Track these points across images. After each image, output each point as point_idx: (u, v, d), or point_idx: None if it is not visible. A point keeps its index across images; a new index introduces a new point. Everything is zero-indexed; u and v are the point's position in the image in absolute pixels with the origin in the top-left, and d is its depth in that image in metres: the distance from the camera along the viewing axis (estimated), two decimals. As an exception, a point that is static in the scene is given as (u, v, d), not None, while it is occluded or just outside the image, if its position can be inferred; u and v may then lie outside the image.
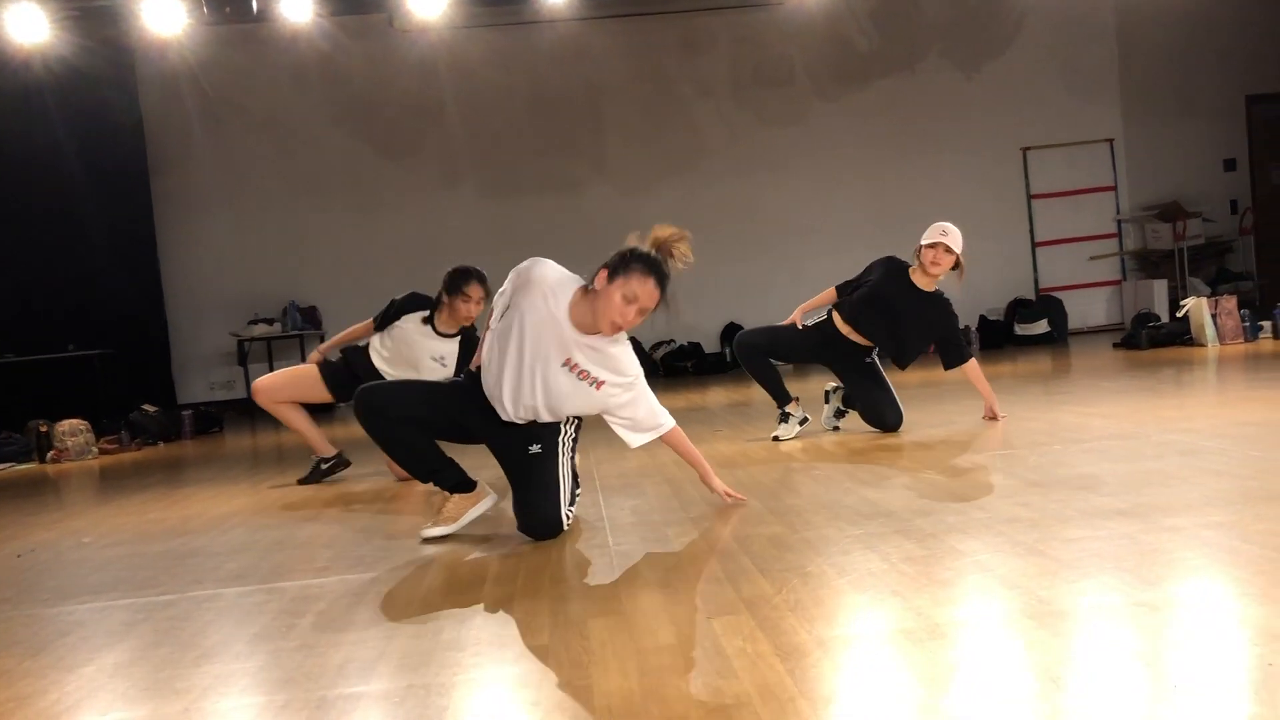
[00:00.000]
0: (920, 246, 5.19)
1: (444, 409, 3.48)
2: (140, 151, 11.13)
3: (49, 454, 7.85)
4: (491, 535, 3.55)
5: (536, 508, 3.34)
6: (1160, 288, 10.94)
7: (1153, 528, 2.78)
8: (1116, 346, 9.41)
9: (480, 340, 3.67)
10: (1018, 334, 11.23)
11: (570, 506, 3.43)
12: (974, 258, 11.87)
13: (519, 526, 3.40)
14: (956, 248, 5.11)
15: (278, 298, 11.31)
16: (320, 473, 5.25)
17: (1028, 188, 12.10)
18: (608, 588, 2.75)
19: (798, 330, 5.41)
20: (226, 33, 10.78)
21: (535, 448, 3.40)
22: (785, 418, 5.37)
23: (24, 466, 7.82)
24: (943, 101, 11.95)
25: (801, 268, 11.07)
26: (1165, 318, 9.91)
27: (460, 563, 3.19)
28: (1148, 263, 11.88)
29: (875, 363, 5.36)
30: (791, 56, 11.83)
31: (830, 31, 11.54)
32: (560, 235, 11.34)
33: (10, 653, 2.64)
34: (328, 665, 2.28)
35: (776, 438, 5.30)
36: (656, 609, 2.48)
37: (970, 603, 2.31)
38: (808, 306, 5.49)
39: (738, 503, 3.62)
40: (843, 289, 5.45)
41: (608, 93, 11.87)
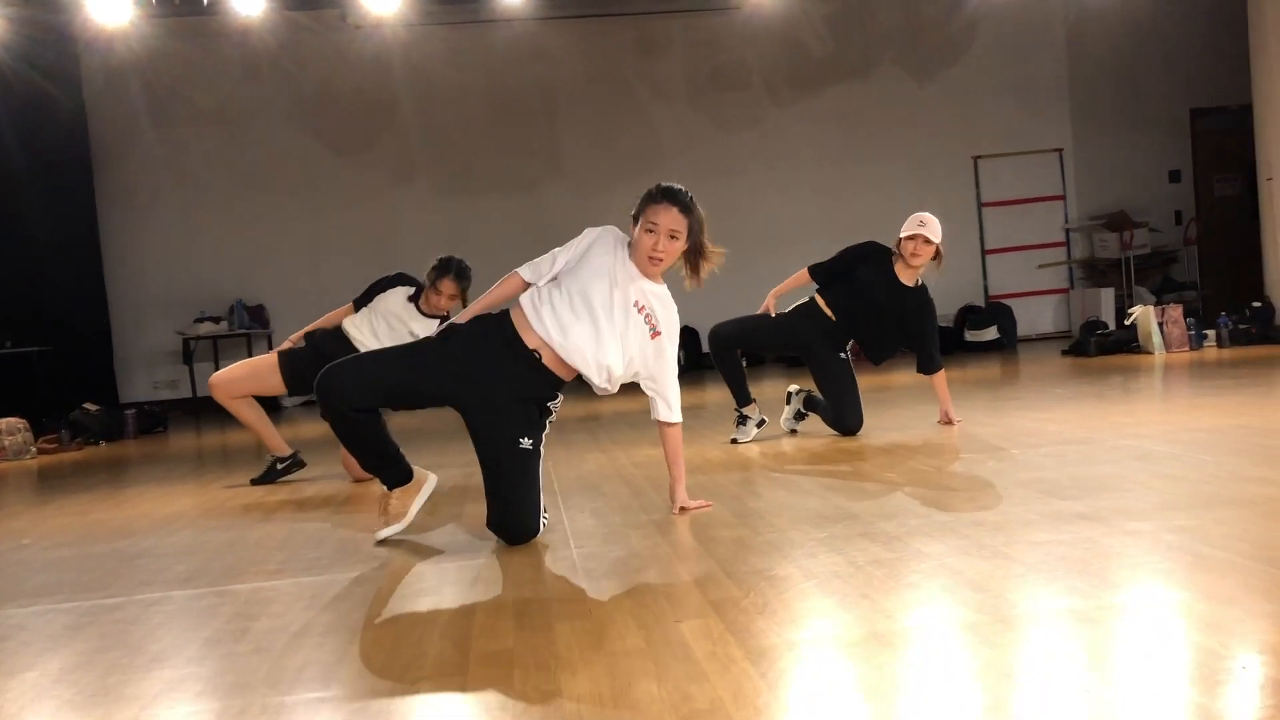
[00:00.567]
0: (900, 239, 5.18)
1: (418, 381, 3.28)
2: (83, 144, 10.89)
3: (-14, 453, 7.62)
4: (449, 537, 3.49)
5: (519, 510, 3.24)
6: (1107, 296, 11.10)
7: (1115, 531, 2.79)
8: (1065, 353, 9.53)
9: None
10: (968, 340, 11.34)
11: (545, 510, 3.37)
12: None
13: (494, 526, 3.28)
14: (935, 237, 5.12)
15: (224, 296, 11.11)
16: (276, 472, 5.14)
17: (978, 196, 12.23)
18: (572, 590, 2.71)
19: (772, 319, 5.36)
20: (175, 25, 10.57)
21: (526, 442, 3.25)
22: (743, 420, 5.36)
23: (-41, 466, 7.59)
24: (896, 109, 12.05)
25: (754, 271, 10.98)
26: (1112, 325, 10.05)
27: (419, 566, 3.12)
28: (1095, 271, 12.05)
29: (848, 359, 5.36)
30: (747, 61, 11.86)
31: (786, 36, 11.59)
32: (515, 235, 11.24)
33: (-52, 657, 2.54)
34: (285, 670, 2.21)
35: (735, 440, 5.29)
36: (623, 612, 2.44)
37: (940, 606, 2.29)
38: (781, 291, 5.41)
39: (701, 509, 3.57)
40: (816, 272, 5.37)
41: (564, 93, 11.82)
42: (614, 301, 3.28)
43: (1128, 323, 9.09)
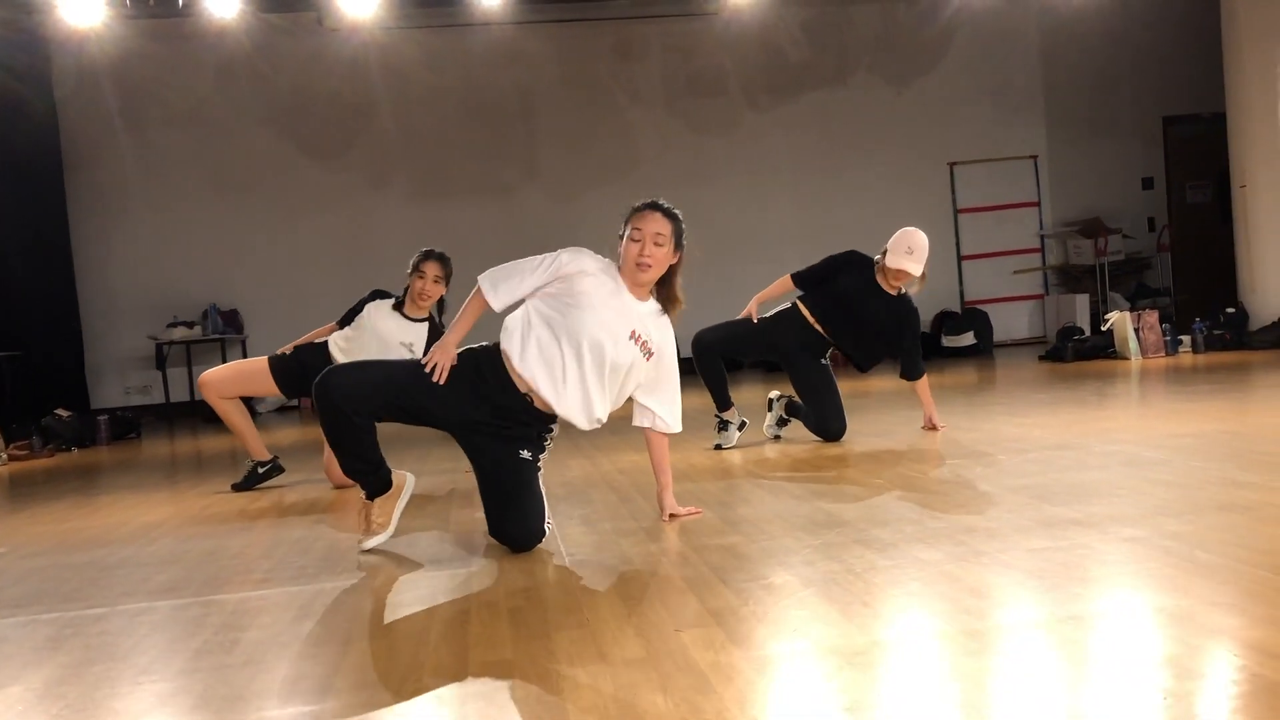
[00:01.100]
0: (884, 261, 5.12)
1: (420, 395, 3.21)
2: (54, 146, 10.74)
3: (-45, 460, 7.49)
4: (438, 545, 3.45)
5: (522, 513, 3.19)
6: (1082, 302, 11.18)
7: (1110, 538, 2.78)
8: (1042, 359, 9.58)
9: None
10: (944, 346, 11.39)
11: (549, 517, 3.33)
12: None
13: (499, 535, 3.23)
14: (917, 270, 5.08)
15: (198, 300, 10.99)
16: (256, 477, 5.07)
17: (954, 202, 12.29)
18: (567, 599, 2.67)
19: (754, 324, 5.34)
20: (148, 26, 10.45)
21: (526, 453, 3.25)
22: (724, 425, 5.34)
23: (-73, 473, 7.44)
24: (872, 115, 12.09)
25: (730, 277, 11.01)
26: (1088, 331, 10.12)
27: (409, 574, 3.07)
28: (1069, 277, 12.14)
29: (828, 366, 5.35)
30: (724, 66, 11.87)
31: (763, 42, 11.60)
32: (490, 240, 11.19)
33: (-73, 671, 2.47)
34: (279, 682, 2.16)
35: (719, 446, 5.26)
36: (620, 621, 2.41)
37: (944, 613, 2.28)
38: (763, 297, 5.38)
39: (690, 515, 3.55)
40: (798, 279, 5.34)
41: (540, 98, 11.78)
42: (608, 351, 3.21)
43: (1104, 328, 9.15)
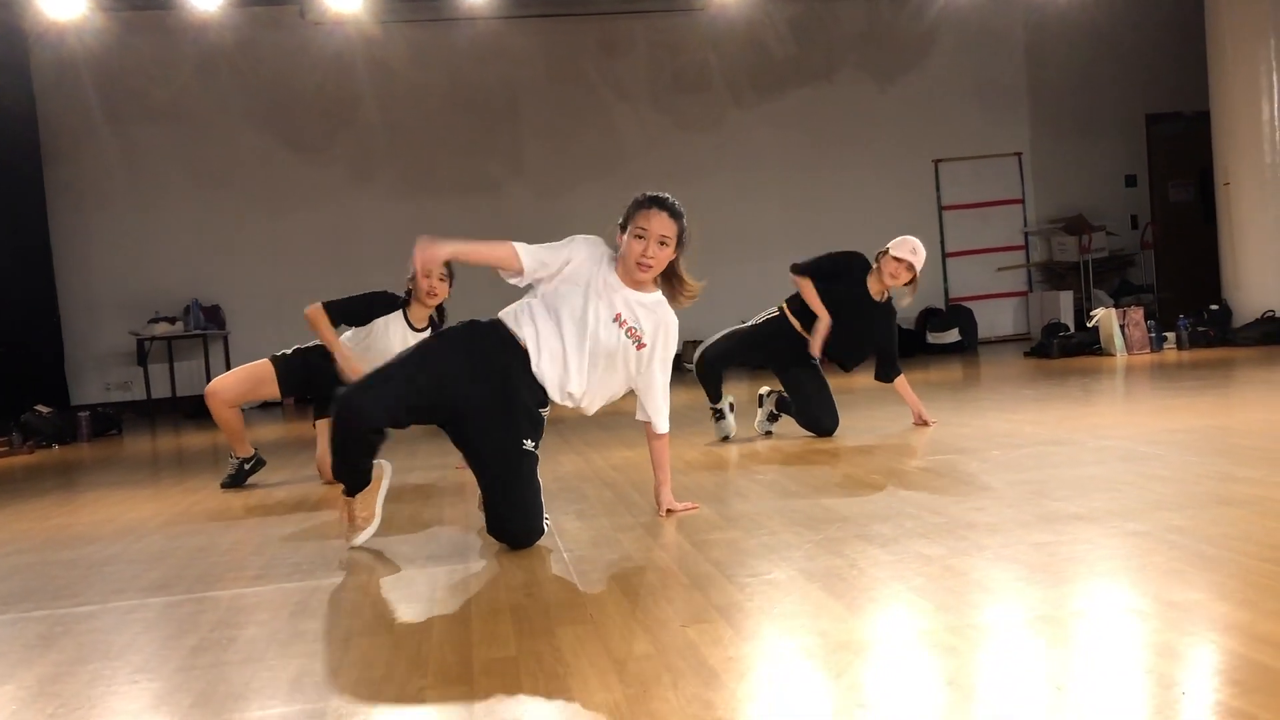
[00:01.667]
0: (887, 254, 5.15)
1: (435, 393, 3.16)
2: (33, 140, 10.61)
3: (-67, 456, 7.40)
4: (433, 541, 3.41)
5: (523, 512, 3.16)
6: (1066, 299, 11.22)
7: (1113, 532, 2.77)
8: (1028, 355, 9.61)
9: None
10: (930, 343, 11.41)
11: (546, 514, 3.29)
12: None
13: (499, 533, 3.19)
14: (918, 267, 5.15)
15: (180, 296, 10.88)
16: (244, 474, 5.02)
17: (939, 199, 12.31)
18: (568, 595, 2.64)
19: (751, 338, 5.41)
20: (129, 19, 10.34)
21: (529, 444, 3.19)
22: (720, 415, 5.34)
23: (-95, 470, 7.34)
24: (857, 112, 12.10)
25: (716, 273, 10.97)
26: (1072, 328, 10.16)
27: (405, 571, 3.03)
28: (1053, 274, 12.18)
29: (817, 364, 5.35)
30: (710, 62, 11.84)
31: (749, 39, 11.59)
32: (475, 236, 11.08)
33: (-85, 670, 2.42)
34: (280, 681, 2.12)
35: (726, 438, 5.30)
36: (625, 616, 2.38)
37: (954, 609, 2.26)
38: (815, 303, 5.27)
39: (687, 511, 3.53)
40: (807, 270, 5.27)
41: (526, 93, 11.73)
42: (590, 325, 3.20)
43: (1090, 325, 9.18)
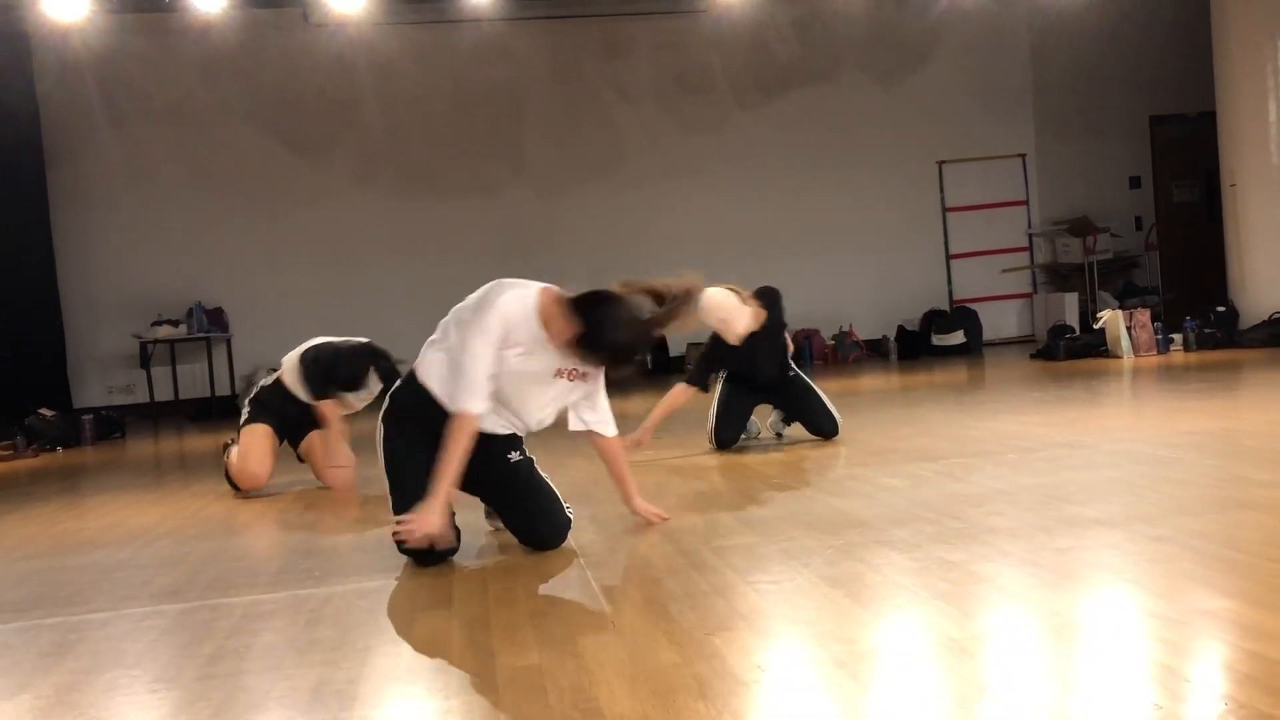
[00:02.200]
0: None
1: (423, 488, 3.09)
2: (36, 142, 10.56)
3: (-63, 460, 7.36)
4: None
5: (552, 515, 3.17)
6: (1071, 300, 11.19)
7: (1136, 537, 2.75)
8: (1034, 357, 9.57)
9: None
10: (934, 345, 11.38)
11: (568, 506, 3.27)
12: (890, 269, 12.07)
13: (529, 543, 3.19)
14: (717, 322, 5.02)
15: (182, 298, 10.83)
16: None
17: (943, 200, 12.29)
18: (588, 602, 2.61)
19: (731, 400, 5.25)
20: (132, 21, 10.30)
21: (514, 455, 3.21)
22: None
23: (-91, 474, 7.30)
24: (861, 113, 12.06)
25: (719, 275, 10.98)
26: (1078, 330, 10.13)
27: (421, 577, 3.00)
28: (1058, 276, 12.15)
29: (797, 374, 5.29)
30: (713, 64, 11.80)
31: (752, 40, 11.55)
32: (477, 237, 11.14)
33: (-71, 679, 2.39)
34: (300, 689, 2.10)
35: (779, 435, 5.37)
36: (648, 624, 2.35)
37: (984, 616, 2.23)
38: (660, 417, 5.14)
39: (660, 519, 3.41)
40: (698, 379, 5.24)
41: (529, 95, 11.69)
42: (525, 387, 3.10)
43: (1096, 327, 9.15)
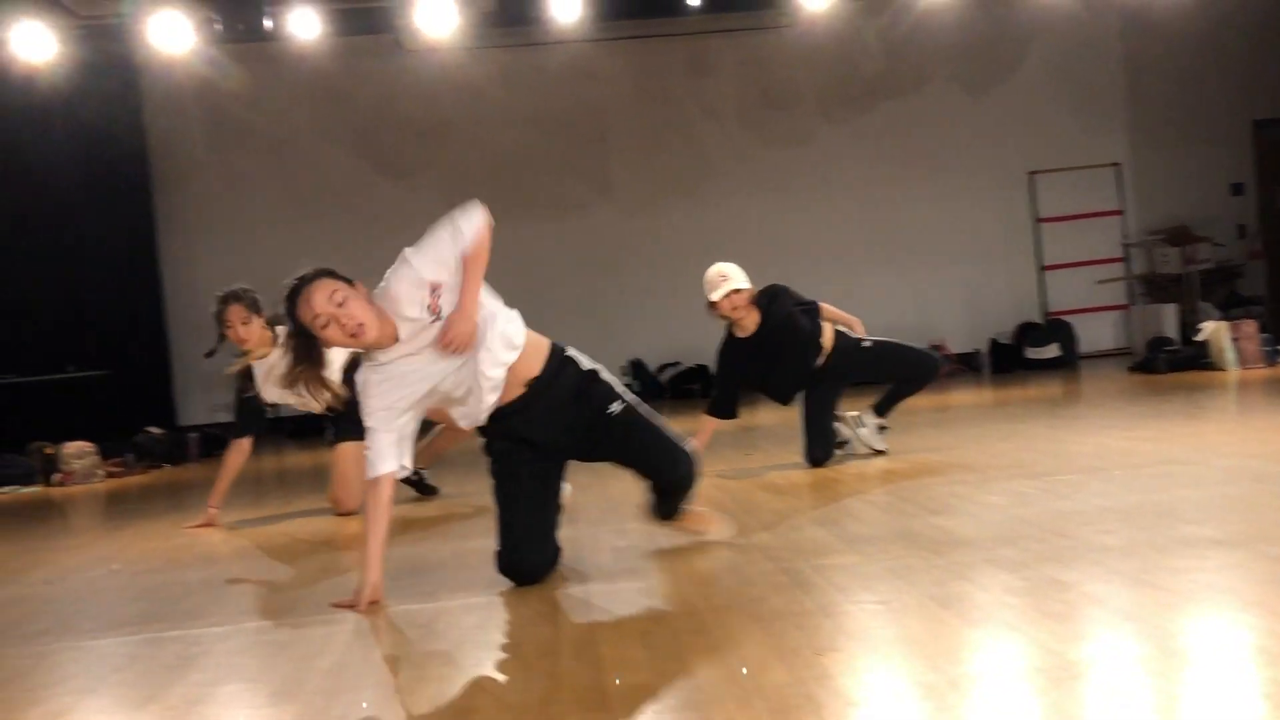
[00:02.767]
0: (712, 305, 5.05)
1: (547, 479, 3.18)
2: (144, 169, 10.99)
3: (54, 477, 7.65)
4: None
5: (675, 457, 3.13)
6: (1170, 312, 10.88)
7: (1259, 557, 2.67)
8: (1132, 370, 9.33)
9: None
10: (1028, 358, 11.17)
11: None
12: (982, 281, 11.87)
13: (664, 487, 3.19)
14: (731, 287, 5.02)
15: (282, 319, 11.14)
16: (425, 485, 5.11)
17: (1035, 211, 12.07)
18: (693, 620, 2.61)
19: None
20: (234, 51, 10.64)
21: (614, 407, 3.09)
22: (859, 423, 5.19)
23: (28, 490, 7.62)
24: (949, 124, 11.91)
25: (805, 290, 10.93)
26: (1178, 342, 9.85)
27: (523, 591, 3.02)
28: (1155, 287, 11.83)
29: (874, 342, 5.26)
30: (798, 78, 11.78)
31: (838, 54, 11.49)
32: (565, 257, 11.27)
33: (65, 687, 2.50)
34: (420, 704, 2.14)
35: (880, 451, 5.13)
36: (755, 642, 2.36)
37: (1096, 638, 2.20)
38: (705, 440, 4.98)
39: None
40: (720, 408, 5.18)
41: (614, 114, 11.80)
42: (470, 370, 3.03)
43: (1197, 339, 8.89)
